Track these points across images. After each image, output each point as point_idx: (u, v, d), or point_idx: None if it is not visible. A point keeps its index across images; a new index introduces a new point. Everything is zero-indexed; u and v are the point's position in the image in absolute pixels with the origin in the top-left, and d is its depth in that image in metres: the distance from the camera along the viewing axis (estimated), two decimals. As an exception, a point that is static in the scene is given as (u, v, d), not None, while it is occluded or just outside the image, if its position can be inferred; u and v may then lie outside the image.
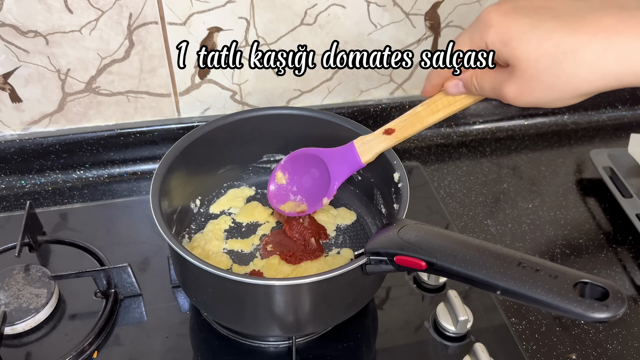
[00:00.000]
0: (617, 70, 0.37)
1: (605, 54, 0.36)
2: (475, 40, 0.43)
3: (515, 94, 0.41)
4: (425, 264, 0.48)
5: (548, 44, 0.38)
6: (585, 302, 0.38)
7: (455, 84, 0.49)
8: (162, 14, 0.76)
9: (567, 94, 0.39)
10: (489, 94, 0.45)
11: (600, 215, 0.84)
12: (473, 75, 0.47)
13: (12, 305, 0.65)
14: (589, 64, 0.37)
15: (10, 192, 0.84)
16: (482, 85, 0.45)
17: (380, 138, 0.61)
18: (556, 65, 0.38)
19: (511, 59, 0.40)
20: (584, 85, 0.38)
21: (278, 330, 0.59)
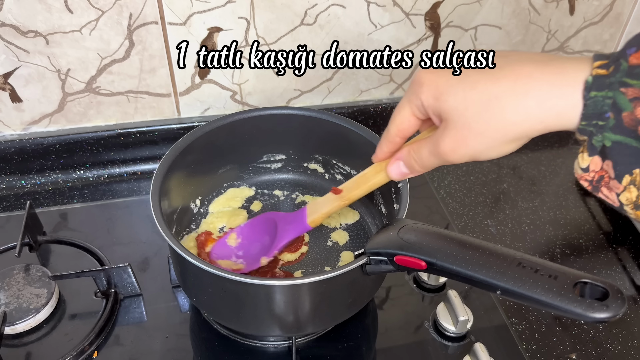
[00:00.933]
0: (538, 112, 0.39)
1: (525, 98, 0.39)
2: (412, 99, 0.45)
3: (451, 147, 0.43)
4: (425, 264, 0.48)
5: (473, 93, 0.41)
6: (585, 302, 0.38)
7: (396, 166, 0.51)
8: (162, 14, 0.76)
9: (499, 139, 0.41)
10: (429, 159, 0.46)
11: (600, 215, 0.84)
12: (410, 150, 0.49)
13: (12, 305, 0.65)
14: (512, 108, 0.40)
15: (10, 192, 0.84)
16: (421, 154, 0.47)
17: (328, 198, 0.63)
18: (483, 112, 0.41)
19: (443, 112, 0.43)
20: (512, 128, 0.40)
21: (278, 330, 0.59)
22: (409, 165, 0.50)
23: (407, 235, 0.50)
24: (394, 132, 0.49)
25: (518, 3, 0.88)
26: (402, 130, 0.48)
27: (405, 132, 0.49)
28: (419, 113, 0.46)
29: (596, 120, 0.37)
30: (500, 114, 0.40)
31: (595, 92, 0.37)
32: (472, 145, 0.42)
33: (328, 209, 0.63)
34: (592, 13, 0.93)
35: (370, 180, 0.57)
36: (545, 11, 0.90)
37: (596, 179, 0.39)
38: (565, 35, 0.95)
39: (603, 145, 0.37)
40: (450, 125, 0.42)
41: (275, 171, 0.81)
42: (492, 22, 0.89)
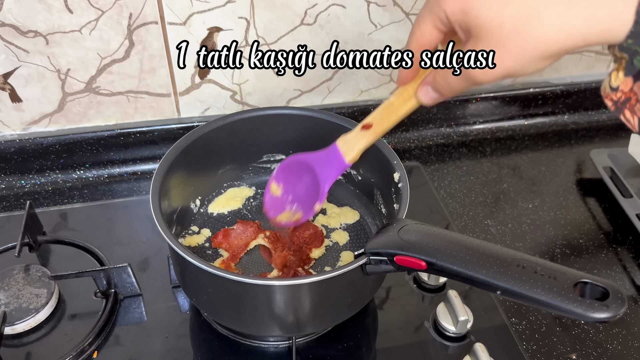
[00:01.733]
0: (583, 28, 0.36)
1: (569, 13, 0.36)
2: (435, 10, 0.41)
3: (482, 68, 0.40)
4: (425, 264, 0.48)
5: (510, 7, 0.37)
6: (585, 302, 0.38)
7: (425, 91, 0.48)
8: (162, 14, 0.76)
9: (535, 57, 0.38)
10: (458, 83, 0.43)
11: (600, 215, 0.84)
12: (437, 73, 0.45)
13: (12, 305, 0.65)
14: (554, 24, 0.36)
15: (10, 192, 0.84)
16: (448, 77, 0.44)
17: (359, 135, 0.59)
18: (521, 28, 0.37)
19: (473, 28, 0.39)
20: (552, 46, 0.37)
21: (278, 330, 0.59)
22: (437, 89, 0.46)
23: (407, 236, 0.50)
24: (415, 48, 0.45)
25: (518, 3, 0.88)
26: (423, 44, 0.44)
27: (426, 46, 0.44)
28: (441, 26, 0.42)
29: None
30: (540, 30, 0.37)
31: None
32: (506, 65, 0.39)
33: (364, 145, 0.59)
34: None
35: (400, 110, 0.52)
36: (545, 11, 0.90)
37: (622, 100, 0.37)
38: (565, 35, 0.95)
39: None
40: (482, 41, 0.39)
41: (275, 171, 0.81)
42: (492, 22, 0.89)
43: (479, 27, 0.38)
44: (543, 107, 1.01)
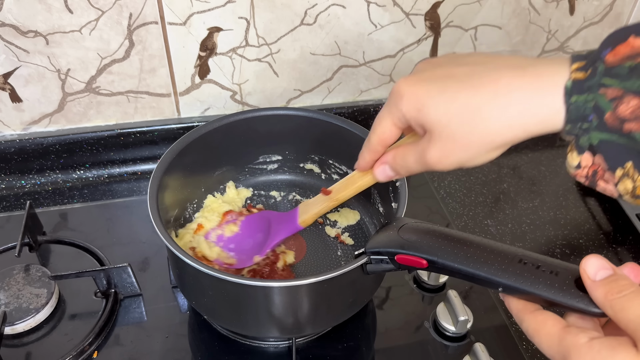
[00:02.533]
0: (522, 120, 0.39)
1: (507, 108, 0.39)
2: (393, 111, 0.45)
3: (437, 157, 0.43)
4: (426, 262, 0.48)
5: (455, 105, 0.41)
6: (587, 297, 0.38)
7: (382, 170, 0.51)
8: (162, 14, 0.76)
9: (484, 149, 0.42)
10: (414, 166, 0.47)
11: (600, 215, 0.84)
12: (395, 155, 0.49)
13: (12, 305, 0.65)
14: (495, 118, 0.40)
15: (10, 192, 0.84)
16: (406, 160, 0.47)
17: (318, 199, 0.64)
18: (466, 124, 0.41)
19: (426, 124, 0.43)
20: (496, 137, 0.41)
21: (278, 331, 0.59)
22: (394, 169, 0.50)
23: (408, 234, 0.50)
24: (376, 142, 0.49)
25: (518, 3, 0.88)
26: (384, 139, 0.48)
27: (387, 141, 0.48)
28: (400, 123, 0.46)
29: (580, 123, 0.37)
30: (484, 124, 0.40)
31: (576, 96, 0.37)
32: (458, 155, 0.43)
33: (318, 209, 0.64)
34: (592, 13, 0.93)
35: (357, 182, 0.57)
36: (545, 11, 0.90)
37: (591, 173, 0.39)
38: (565, 35, 0.95)
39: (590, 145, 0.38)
40: (434, 137, 0.43)
41: (272, 172, 0.81)
42: (492, 22, 0.89)
43: (431, 124, 0.42)
44: (543, 107, 1.01)
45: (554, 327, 0.38)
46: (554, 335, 0.37)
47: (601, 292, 0.37)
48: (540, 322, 0.39)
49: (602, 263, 0.38)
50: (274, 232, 0.68)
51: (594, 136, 0.37)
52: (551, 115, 0.39)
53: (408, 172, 0.48)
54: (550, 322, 0.38)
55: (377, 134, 0.48)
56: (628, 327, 0.34)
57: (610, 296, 0.36)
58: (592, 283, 0.37)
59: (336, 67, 0.88)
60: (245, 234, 0.71)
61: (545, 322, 0.39)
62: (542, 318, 0.39)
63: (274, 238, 0.68)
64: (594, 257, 0.38)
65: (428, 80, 0.43)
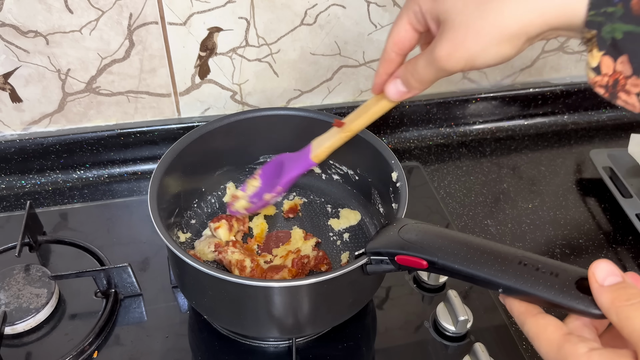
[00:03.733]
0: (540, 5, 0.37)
1: None
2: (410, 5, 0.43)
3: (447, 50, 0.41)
4: (426, 263, 0.48)
5: None
6: (586, 299, 0.38)
7: (393, 85, 0.49)
8: (162, 14, 0.76)
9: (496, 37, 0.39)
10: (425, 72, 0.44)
11: (600, 215, 0.85)
12: (406, 65, 0.47)
13: (12, 305, 0.65)
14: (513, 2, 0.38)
15: (10, 192, 0.84)
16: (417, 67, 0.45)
17: (331, 132, 0.61)
18: (482, 7, 0.39)
19: (440, 13, 0.41)
20: (510, 24, 0.39)
21: (278, 331, 0.59)
22: (405, 81, 0.47)
23: (408, 235, 0.50)
24: (390, 47, 0.47)
25: (518, 3, 0.88)
26: (398, 43, 0.46)
27: (402, 45, 0.46)
28: (416, 22, 0.44)
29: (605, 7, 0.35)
30: (499, 8, 0.39)
31: None
32: (468, 46, 0.40)
33: (331, 142, 0.61)
34: (592, 13, 0.93)
35: (371, 108, 0.54)
36: (545, 11, 0.90)
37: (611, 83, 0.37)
38: (565, 35, 0.95)
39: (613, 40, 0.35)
40: (447, 26, 0.41)
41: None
42: (492, 22, 0.89)
43: (445, 12, 0.41)
44: (543, 107, 1.01)
45: (554, 333, 0.38)
46: (553, 342, 0.37)
47: (608, 297, 0.36)
48: (541, 327, 0.39)
49: (612, 269, 0.37)
50: (287, 169, 0.66)
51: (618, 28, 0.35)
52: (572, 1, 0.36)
53: (420, 82, 0.46)
54: (551, 327, 0.38)
55: (392, 37, 0.46)
56: (632, 336, 0.34)
57: (618, 303, 0.35)
58: (599, 287, 0.37)
59: (336, 67, 0.88)
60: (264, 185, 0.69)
61: (547, 327, 0.38)
62: (544, 322, 0.39)
63: (287, 175, 0.65)
64: (603, 262, 0.37)
65: None
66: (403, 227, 0.52)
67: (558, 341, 0.37)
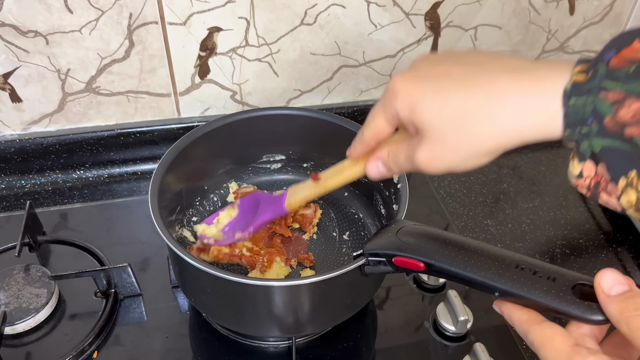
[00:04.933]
0: (514, 125, 0.38)
1: (501, 112, 0.38)
2: (387, 109, 0.45)
3: (426, 159, 0.43)
4: (423, 265, 0.48)
5: (449, 107, 0.40)
6: (583, 304, 0.38)
7: (375, 166, 0.50)
8: (162, 14, 0.76)
9: (474, 153, 0.41)
10: (405, 164, 0.46)
11: (600, 215, 0.84)
12: (388, 151, 0.48)
13: (12, 305, 0.65)
14: (488, 122, 0.39)
15: (10, 192, 0.84)
16: (398, 158, 0.47)
17: (307, 185, 0.62)
18: (458, 126, 0.40)
19: (418, 124, 0.42)
20: (487, 142, 0.40)
21: (277, 330, 0.59)
22: (386, 166, 0.49)
23: (406, 237, 0.50)
24: (369, 137, 0.48)
25: (518, 3, 0.88)
26: (377, 135, 0.48)
27: (380, 136, 0.48)
28: (393, 120, 0.45)
29: (579, 127, 0.36)
30: (476, 128, 0.40)
31: (574, 98, 0.36)
32: (447, 159, 0.42)
33: (305, 195, 0.62)
34: (592, 13, 0.93)
35: (346, 172, 0.56)
36: (545, 11, 0.90)
37: (593, 184, 0.38)
38: (565, 35, 0.95)
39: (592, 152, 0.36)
40: (425, 137, 0.42)
41: (275, 171, 0.81)
42: (492, 22, 0.89)
43: (422, 124, 0.42)
44: (543, 107, 1.01)
45: (562, 343, 0.37)
46: (562, 353, 0.37)
47: (616, 308, 0.36)
48: (548, 337, 0.38)
49: (618, 278, 0.37)
50: (260, 212, 0.67)
51: (596, 143, 0.36)
52: (547, 121, 0.37)
53: (400, 170, 0.48)
54: (558, 337, 0.38)
55: (371, 129, 0.48)
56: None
57: (627, 313, 0.35)
58: (606, 298, 0.37)
59: (336, 67, 0.88)
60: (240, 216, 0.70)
61: (554, 337, 0.38)
62: (550, 332, 0.38)
63: (259, 218, 0.66)
64: (609, 271, 0.37)
65: (423, 78, 0.42)
66: (401, 229, 0.52)
67: (567, 353, 0.36)
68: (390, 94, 0.44)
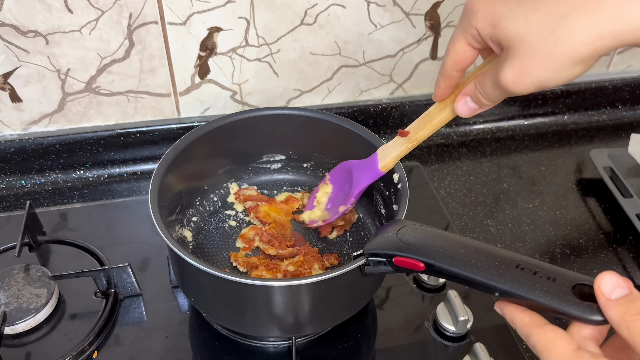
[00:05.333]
0: (612, 28, 0.36)
1: (597, 14, 0.36)
2: (467, 29, 0.42)
3: (514, 77, 0.40)
4: (423, 265, 0.48)
5: (536, 15, 0.37)
6: (583, 305, 0.38)
7: (463, 102, 0.48)
8: (162, 14, 0.76)
9: (567, 62, 0.38)
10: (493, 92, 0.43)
11: (600, 215, 0.84)
12: (476, 83, 0.46)
13: (12, 305, 0.65)
14: (582, 26, 0.36)
15: (10, 192, 0.84)
16: (485, 87, 0.44)
17: (396, 142, 0.61)
18: (549, 34, 0.37)
19: (503, 40, 0.39)
20: (582, 48, 0.37)
21: (277, 330, 0.59)
22: (476, 99, 0.46)
23: (406, 237, 0.50)
24: (450, 66, 0.45)
25: (518, 3, 0.88)
26: (458, 62, 0.45)
27: (462, 63, 0.45)
28: (475, 43, 0.42)
29: None
30: (568, 34, 0.37)
31: None
32: (537, 73, 0.39)
33: (397, 152, 0.61)
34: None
35: (435, 119, 0.53)
36: (545, 11, 0.90)
37: None
38: (565, 35, 0.95)
39: None
40: (511, 53, 0.39)
41: (275, 171, 0.81)
42: (492, 22, 0.89)
43: (508, 39, 0.39)
44: (543, 107, 1.01)
45: (565, 347, 0.37)
46: (564, 357, 0.36)
47: (617, 311, 0.35)
48: (550, 340, 0.38)
49: (618, 281, 0.36)
50: (356, 180, 0.66)
51: None
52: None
53: (490, 101, 0.45)
54: (561, 341, 0.37)
55: (451, 57, 0.45)
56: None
57: (628, 317, 0.35)
58: (606, 301, 0.36)
59: (336, 67, 0.88)
60: (335, 189, 0.70)
61: (556, 341, 0.37)
62: (553, 336, 0.38)
63: (357, 186, 0.66)
64: (609, 274, 0.37)
65: None
66: (401, 229, 0.52)
67: (570, 357, 0.36)
68: (469, 13, 0.41)
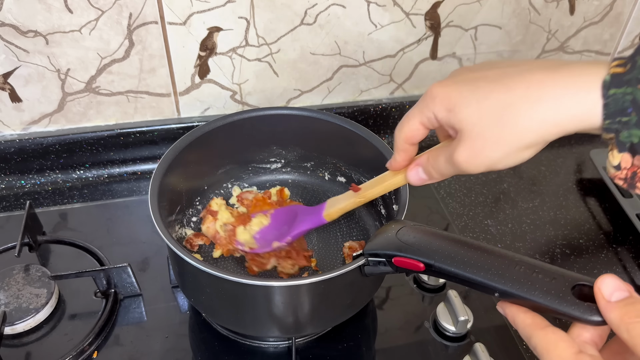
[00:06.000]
0: (554, 116, 0.39)
1: (539, 103, 0.39)
2: (424, 112, 0.45)
3: (466, 157, 0.43)
4: (423, 265, 0.48)
5: (487, 103, 0.41)
6: (583, 305, 0.38)
7: (415, 172, 0.51)
8: (162, 14, 0.76)
9: (514, 146, 0.41)
10: (445, 168, 0.46)
11: (600, 215, 0.84)
12: (428, 157, 0.49)
13: (12, 305, 0.65)
14: (527, 114, 0.40)
15: (10, 192, 0.84)
16: (438, 162, 0.47)
17: (347, 195, 0.63)
18: (497, 120, 0.41)
19: (457, 124, 0.43)
20: (527, 134, 0.40)
21: (277, 330, 0.59)
22: (427, 172, 0.49)
23: (406, 237, 0.50)
24: (403, 140, 0.49)
25: (518, 3, 0.88)
26: (410, 138, 0.48)
27: (413, 139, 0.48)
28: (428, 123, 0.46)
29: (619, 117, 0.37)
30: (515, 121, 0.40)
31: (614, 89, 0.37)
32: (488, 155, 0.42)
33: (344, 205, 0.63)
34: (592, 13, 0.93)
35: (387, 181, 0.57)
36: (545, 11, 0.90)
37: (630, 175, 0.39)
38: (565, 35, 0.95)
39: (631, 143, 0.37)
40: (464, 135, 0.42)
41: (275, 171, 0.81)
42: (492, 22, 0.89)
43: (461, 122, 0.42)
44: (543, 106, 1.01)
45: (566, 350, 0.37)
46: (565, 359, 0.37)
47: (617, 314, 0.36)
48: (551, 342, 0.38)
49: (618, 283, 0.37)
50: (298, 222, 0.68)
51: (635, 133, 0.37)
52: (586, 111, 0.38)
53: (440, 175, 0.48)
54: (562, 344, 0.38)
55: (404, 132, 0.48)
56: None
57: (628, 319, 0.35)
58: (606, 304, 0.37)
59: (336, 67, 0.88)
60: (272, 225, 0.71)
61: (557, 343, 0.38)
62: (554, 338, 0.38)
63: (297, 228, 0.67)
64: (609, 276, 0.37)
65: (461, 82, 0.43)
66: (401, 229, 0.52)
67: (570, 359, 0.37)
68: (429, 98, 0.45)
